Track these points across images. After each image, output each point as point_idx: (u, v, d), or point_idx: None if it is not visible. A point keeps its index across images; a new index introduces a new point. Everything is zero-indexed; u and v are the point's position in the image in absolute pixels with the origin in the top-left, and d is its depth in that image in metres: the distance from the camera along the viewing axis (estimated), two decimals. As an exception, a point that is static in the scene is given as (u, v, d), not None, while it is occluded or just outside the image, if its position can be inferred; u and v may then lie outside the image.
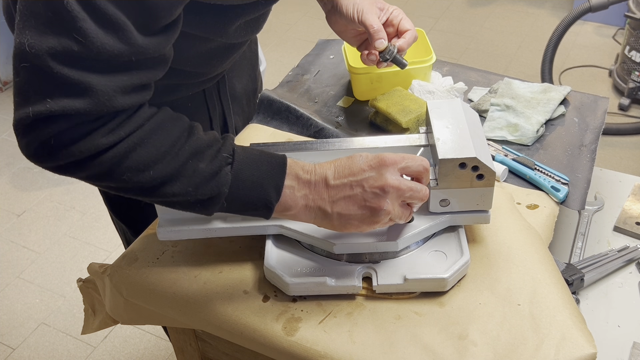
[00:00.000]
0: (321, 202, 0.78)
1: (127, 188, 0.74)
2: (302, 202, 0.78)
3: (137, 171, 0.71)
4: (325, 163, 0.80)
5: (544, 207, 1.02)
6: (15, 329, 2.00)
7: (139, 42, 0.67)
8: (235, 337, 0.87)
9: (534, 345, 0.79)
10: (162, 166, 0.72)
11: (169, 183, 0.73)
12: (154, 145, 0.72)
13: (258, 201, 0.77)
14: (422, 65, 1.26)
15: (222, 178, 0.74)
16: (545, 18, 3.46)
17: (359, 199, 0.77)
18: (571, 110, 1.24)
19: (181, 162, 0.73)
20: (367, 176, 0.77)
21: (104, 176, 0.71)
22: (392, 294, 0.87)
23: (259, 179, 0.76)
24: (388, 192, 0.77)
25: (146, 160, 0.71)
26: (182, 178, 0.73)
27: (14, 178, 2.58)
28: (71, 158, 0.68)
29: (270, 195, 0.76)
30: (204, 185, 0.74)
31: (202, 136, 0.76)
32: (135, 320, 0.98)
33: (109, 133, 0.68)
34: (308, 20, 3.52)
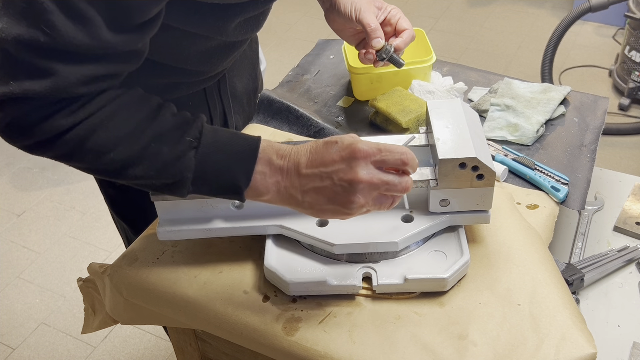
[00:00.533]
0: (293, 190, 0.76)
1: (93, 169, 0.75)
2: (274, 189, 0.77)
3: (99, 153, 0.72)
4: (302, 147, 0.77)
5: (544, 207, 1.02)
6: (15, 329, 2.00)
7: (108, 38, 0.67)
8: (235, 337, 0.87)
9: (534, 345, 0.79)
10: (123, 149, 0.72)
11: (131, 166, 0.73)
12: (115, 127, 0.72)
13: (226, 186, 0.76)
14: (422, 65, 1.26)
15: (185, 163, 0.74)
16: (545, 18, 3.46)
17: (329, 191, 0.74)
18: (571, 110, 1.24)
19: (142, 145, 0.73)
20: (337, 168, 0.74)
21: (69, 157, 0.73)
22: (392, 294, 0.87)
23: (227, 163, 0.75)
24: (357, 187, 0.73)
25: (106, 143, 0.72)
26: (144, 161, 0.73)
27: (14, 178, 2.58)
28: (36, 138, 0.70)
29: (239, 180, 0.75)
30: (166, 170, 0.74)
31: (168, 118, 0.75)
32: (135, 320, 0.98)
33: (70, 115, 0.70)
34: (308, 20, 3.52)
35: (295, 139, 1.17)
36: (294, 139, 1.17)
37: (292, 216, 0.90)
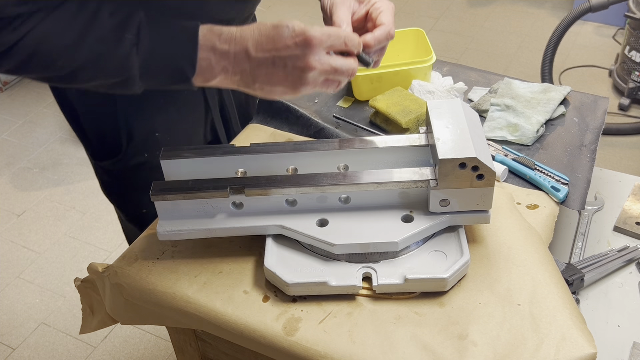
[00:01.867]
0: (242, 74, 0.77)
1: (47, 78, 0.78)
2: (222, 74, 0.77)
3: (46, 63, 0.74)
4: (247, 29, 0.77)
5: (544, 207, 1.02)
6: (15, 329, 2.00)
7: None
8: (235, 337, 0.87)
9: (534, 345, 0.79)
10: (68, 56, 0.74)
11: (80, 70, 0.75)
12: (57, 36, 0.73)
13: (174, 76, 0.76)
14: (422, 65, 1.26)
15: (129, 61, 0.75)
16: (545, 18, 3.46)
17: (280, 75, 0.76)
18: (571, 110, 1.24)
19: (86, 50, 0.74)
20: (290, 54, 0.75)
21: (20, 69, 0.75)
22: (392, 294, 0.87)
23: (169, 54, 0.76)
24: (309, 73, 0.76)
25: (51, 52, 0.73)
26: (90, 66, 0.75)
27: (14, 178, 2.58)
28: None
29: (185, 69, 0.76)
30: (112, 71, 0.75)
31: (106, 20, 0.75)
32: (135, 320, 0.98)
33: (13, 31, 0.71)
34: (308, 20, 3.52)
35: (295, 139, 1.17)
36: (294, 139, 1.17)
37: (292, 216, 0.90)
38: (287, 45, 0.75)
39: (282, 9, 3.59)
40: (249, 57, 0.76)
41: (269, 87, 0.77)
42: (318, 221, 0.89)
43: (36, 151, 2.70)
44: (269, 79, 0.77)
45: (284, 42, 0.75)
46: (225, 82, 0.78)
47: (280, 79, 0.77)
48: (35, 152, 2.70)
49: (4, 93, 3.04)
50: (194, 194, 0.89)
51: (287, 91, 0.78)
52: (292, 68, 0.76)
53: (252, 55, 0.76)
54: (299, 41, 0.75)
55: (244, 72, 0.77)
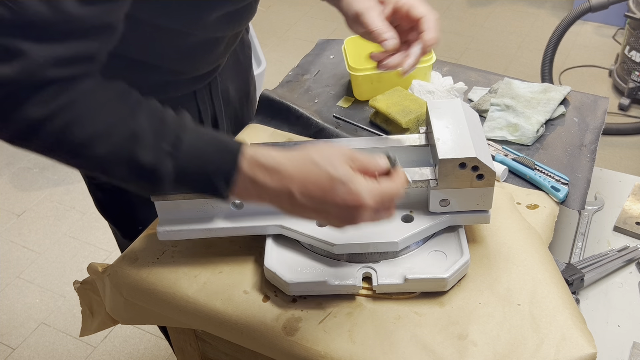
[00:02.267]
0: (284, 209, 0.74)
1: (75, 165, 0.74)
2: (257, 200, 0.74)
3: (75, 150, 0.70)
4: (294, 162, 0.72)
5: (544, 207, 1.02)
6: (15, 329, 2.00)
7: (75, 11, 0.64)
8: (235, 337, 0.87)
9: (534, 345, 0.79)
10: (99, 148, 0.69)
11: (108, 166, 0.71)
12: (91, 124, 0.68)
13: (209, 192, 0.73)
14: (422, 65, 1.26)
15: (162, 171, 0.70)
16: (545, 18, 3.46)
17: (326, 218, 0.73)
18: (571, 110, 1.24)
19: (118, 146, 0.69)
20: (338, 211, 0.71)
21: (48, 151, 0.70)
22: (392, 294, 0.87)
23: (206, 171, 0.72)
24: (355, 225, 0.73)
25: (82, 140, 0.69)
26: (120, 163, 0.70)
27: (14, 178, 2.58)
28: (11, 128, 0.67)
29: (220, 187, 0.72)
30: (141, 175, 0.71)
31: (145, 120, 0.71)
32: (135, 320, 0.98)
33: (42, 104, 0.66)
34: (308, 20, 3.52)
35: (295, 139, 1.17)
36: (294, 139, 1.17)
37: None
38: (337, 203, 0.70)
39: (282, 9, 3.59)
40: (292, 199, 0.71)
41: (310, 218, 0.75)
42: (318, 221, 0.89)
43: (36, 151, 2.70)
44: (307, 216, 0.74)
45: (334, 199, 0.70)
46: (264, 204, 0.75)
47: (320, 220, 0.75)
48: (35, 152, 2.70)
49: None
50: (194, 194, 0.89)
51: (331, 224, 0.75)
52: (337, 220, 0.73)
53: (295, 199, 0.71)
54: (350, 204, 0.70)
55: (282, 206, 0.74)
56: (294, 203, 0.72)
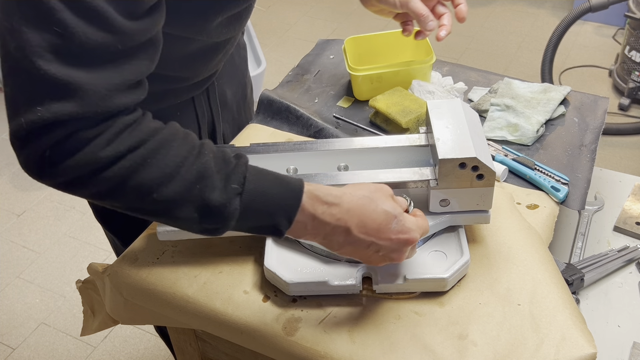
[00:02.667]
0: (332, 242, 0.75)
1: (133, 209, 0.71)
2: (313, 238, 0.75)
3: (141, 193, 0.67)
4: (355, 200, 0.74)
5: (544, 207, 1.02)
6: (15, 329, 2.00)
7: (124, 27, 0.64)
8: (235, 337, 0.87)
9: (534, 345, 0.79)
10: (167, 190, 0.68)
11: (175, 208, 0.69)
12: (158, 165, 0.67)
13: (267, 230, 0.73)
14: (422, 65, 1.26)
15: (230, 210, 0.70)
16: (545, 18, 3.46)
17: (368, 255, 0.77)
18: (571, 110, 1.24)
19: (187, 187, 0.68)
20: (388, 245, 0.76)
21: (107, 196, 0.68)
22: (392, 294, 0.87)
23: (269, 209, 0.72)
24: (398, 247, 0.77)
25: (150, 182, 0.67)
26: (187, 204, 0.69)
27: (14, 178, 2.58)
28: (70, 173, 0.65)
29: (280, 224, 0.72)
30: (210, 216, 0.70)
31: (210, 160, 0.70)
32: (135, 320, 0.98)
33: (108, 145, 0.65)
34: (308, 20, 3.52)
35: (295, 139, 1.17)
36: (294, 139, 1.17)
37: (292, 216, 0.90)
38: (390, 238, 0.75)
39: (282, 9, 3.59)
40: (348, 235, 0.74)
41: (348, 255, 0.78)
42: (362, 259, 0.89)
43: (36, 151, 2.70)
44: (353, 253, 0.77)
45: (388, 235, 0.75)
46: (317, 242, 0.77)
47: (364, 257, 0.78)
48: (35, 152, 2.70)
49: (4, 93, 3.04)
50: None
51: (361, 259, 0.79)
52: (382, 257, 0.77)
53: (352, 234, 0.74)
54: (402, 239, 0.76)
55: (334, 242, 0.75)
56: (349, 239, 0.75)
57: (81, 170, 0.65)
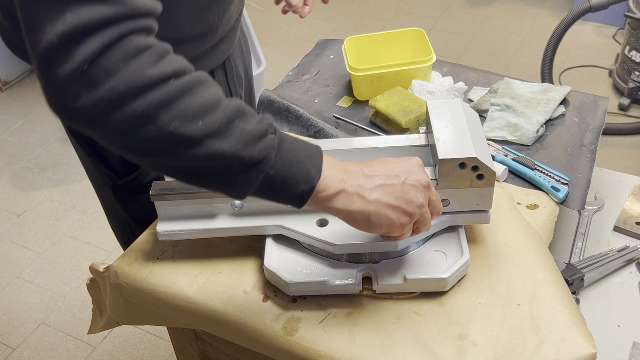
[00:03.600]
0: (359, 189, 0.75)
1: (168, 144, 0.65)
2: (339, 186, 0.74)
3: (186, 120, 0.64)
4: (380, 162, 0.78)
5: (544, 207, 1.02)
6: (15, 329, 2.00)
7: None
8: (235, 337, 0.87)
9: (534, 345, 0.79)
10: (211, 118, 0.65)
11: (217, 138, 0.66)
12: (202, 95, 0.65)
13: (300, 177, 0.72)
14: (422, 65, 1.26)
15: (269, 142, 0.69)
16: (545, 18, 3.46)
17: (398, 189, 0.76)
18: (571, 110, 1.24)
19: (229, 118, 0.67)
20: (409, 186, 0.76)
21: (150, 122, 0.63)
22: (392, 294, 0.87)
23: (299, 155, 0.72)
24: (423, 186, 0.77)
25: (195, 109, 0.64)
26: (230, 135, 0.67)
27: (14, 178, 2.58)
28: (113, 94, 0.60)
29: (311, 171, 0.72)
30: (252, 146, 0.68)
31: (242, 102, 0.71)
32: (135, 320, 0.98)
33: (153, 65, 0.62)
34: (308, 20, 3.52)
35: (295, 139, 1.17)
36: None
37: (292, 216, 0.90)
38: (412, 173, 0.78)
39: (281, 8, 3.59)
40: (364, 174, 0.76)
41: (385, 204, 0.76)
42: (318, 221, 0.89)
43: (36, 151, 2.70)
44: (384, 194, 0.76)
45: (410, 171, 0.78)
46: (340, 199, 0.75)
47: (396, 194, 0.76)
48: (35, 152, 2.70)
49: (4, 93, 3.04)
50: (194, 194, 0.89)
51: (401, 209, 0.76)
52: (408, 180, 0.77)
53: (366, 173, 0.76)
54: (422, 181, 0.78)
55: (360, 187, 0.75)
56: (366, 175, 0.76)
57: (125, 90, 0.60)
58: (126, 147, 0.67)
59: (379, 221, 0.76)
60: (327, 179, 0.73)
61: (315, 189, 0.73)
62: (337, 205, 0.75)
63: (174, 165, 0.68)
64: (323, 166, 0.73)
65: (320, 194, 0.73)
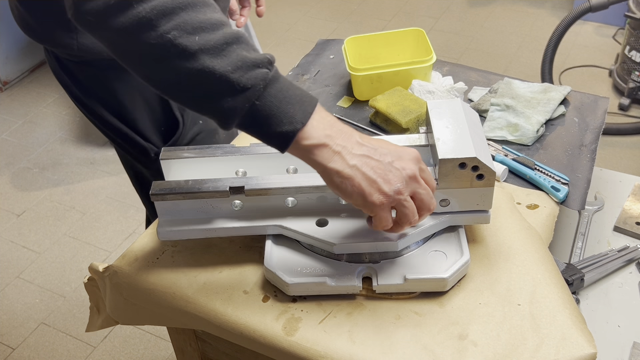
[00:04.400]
0: (342, 149, 0.75)
1: (165, 52, 0.70)
2: (323, 140, 0.75)
3: (184, 31, 0.69)
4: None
5: (544, 207, 1.02)
6: (15, 329, 2.00)
7: None
8: (235, 337, 0.87)
9: (534, 345, 0.79)
10: (208, 36, 0.70)
11: (210, 56, 0.70)
12: (205, 14, 0.70)
13: (285, 117, 0.73)
14: (422, 65, 1.26)
15: (261, 74, 0.72)
16: (545, 18, 3.46)
17: (380, 166, 0.76)
18: (571, 110, 1.24)
19: (226, 40, 0.71)
20: (394, 155, 0.77)
21: (152, 27, 0.69)
22: (392, 294, 0.87)
23: (291, 97, 0.74)
24: (408, 175, 0.77)
25: (195, 23, 0.69)
26: (223, 56, 0.71)
27: (14, 178, 2.58)
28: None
29: (297, 115, 0.73)
30: (242, 71, 0.71)
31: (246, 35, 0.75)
32: (135, 320, 0.98)
33: None
34: (308, 20, 3.52)
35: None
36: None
37: (291, 216, 0.90)
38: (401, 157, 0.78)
39: (282, 9, 3.59)
40: (355, 140, 0.77)
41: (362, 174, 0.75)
42: (318, 221, 0.89)
43: (36, 151, 2.70)
44: (365, 165, 0.76)
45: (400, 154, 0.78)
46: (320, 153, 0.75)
47: (377, 170, 0.76)
48: (35, 152, 2.70)
49: (3, 93, 3.04)
50: (194, 194, 0.89)
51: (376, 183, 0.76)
52: (392, 164, 0.77)
53: (357, 140, 0.77)
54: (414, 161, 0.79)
55: (344, 148, 0.76)
56: (356, 142, 0.76)
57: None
58: (128, 51, 0.73)
59: (351, 187, 0.76)
60: (313, 129, 0.75)
61: (299, 135, 0.74)
62: (316, 158, 0.76)
63: (169, 78, 0.73)
64: (313, 116, 0.75)
65: (302, 141, 0.74)
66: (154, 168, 1.25)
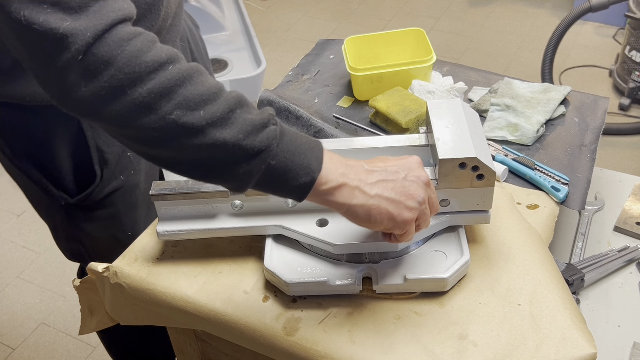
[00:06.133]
0: (360, 183, 0.75)
1: (170, 134, 0.66)
2: (341, 180, 0.74)
3: (188, 108, 0.65)
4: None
5: (544, 207, 1.02)
6: (15, 329, 2.00)
7: None
8: (235, 337, 0.87)
9: (534, 345, 0.79)
10: (213, 107, 0.66)
11: (219, 128, 0.67)
12: (202, 84, 0.67)
13: (301, 168, 0.71)
14: (422, 65, 1.26)
15: (271, 132, 0.70)
16: (545, 18, 3.46)
17: (398, 184, 0.76)
18: (571, 110, 1.24)
19: (230, 107, 0.68)
20: (409, 182, 0.77)
21: (152, 111, 0.64)
22: (392, 294, 0.87)
23: (300, 147, 0.72)
24: (424, 183, 0.77)
25: (196, 97, 0.66)
26: (232, 125, 0.67)
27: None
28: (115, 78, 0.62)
29: (312, 163, 0.72)
30: (254, 135, 0.68)
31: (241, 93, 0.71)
32: (135, 320, 0.98)
33: (148, 51, 0.64)
34: (308, 20, 3.52)
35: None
36: (294, 139, 1.17)
37: (292, 216, 0.90)
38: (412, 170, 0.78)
39: (282, 9, 3.59)
40: (365, 169, 0.76)
41: (386, 198, 0.75)
42: (318, 221, 0.89)
43: (36, 151, 2.70)
44: (385, 189, 0.75)
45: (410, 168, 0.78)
46: (341, 192, 0.74)
47: (397, 190, 0.76)
48: (35, 152, 2.70)
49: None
50: (193, 194, 0.89)
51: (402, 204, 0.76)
52: (409, 177, 0.77)
53: (367, 168, 0.76)
54: (422, 178, 0.78)
55: (361, 181, 0.75)
56: (367, 170, 0.76)
57: (124, 78, 0.62)
58: (130, 137, 0.68)
59: (379, 216, 0.75)
60: (328, 172, 0.73)
61: (317, 182, 0.72)
62: (338, 199, 0.74)
63: (177, 156, 0.69)
64: (324, 159, 0.73)
65: (321, 187, 0.73)
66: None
